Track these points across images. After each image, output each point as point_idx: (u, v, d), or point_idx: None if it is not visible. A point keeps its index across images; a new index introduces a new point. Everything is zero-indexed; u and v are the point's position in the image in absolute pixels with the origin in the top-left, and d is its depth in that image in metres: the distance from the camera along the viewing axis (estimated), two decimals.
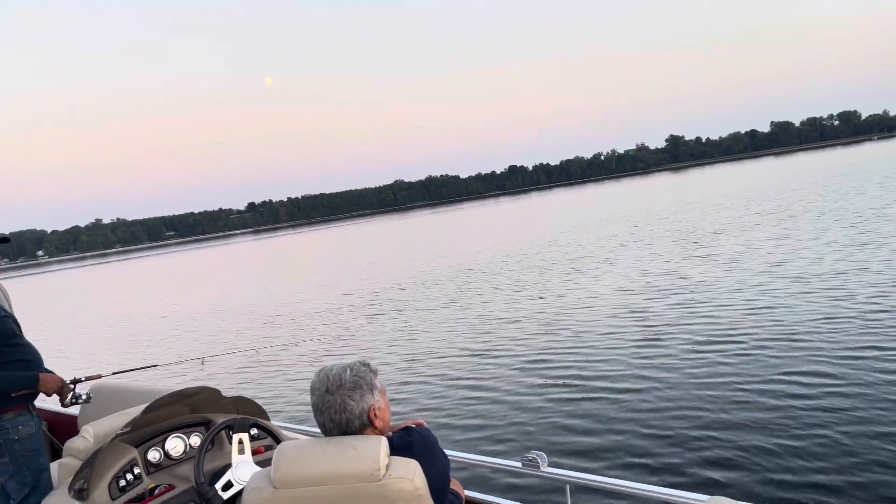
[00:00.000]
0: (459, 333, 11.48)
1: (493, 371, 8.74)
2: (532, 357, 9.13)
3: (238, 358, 11.68)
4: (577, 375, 7.97)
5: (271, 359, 11.47)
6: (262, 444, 3.02)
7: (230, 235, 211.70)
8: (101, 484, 2.66)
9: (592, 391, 7.33)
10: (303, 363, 10.95)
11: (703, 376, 7.22)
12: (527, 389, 7.74)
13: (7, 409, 3.08)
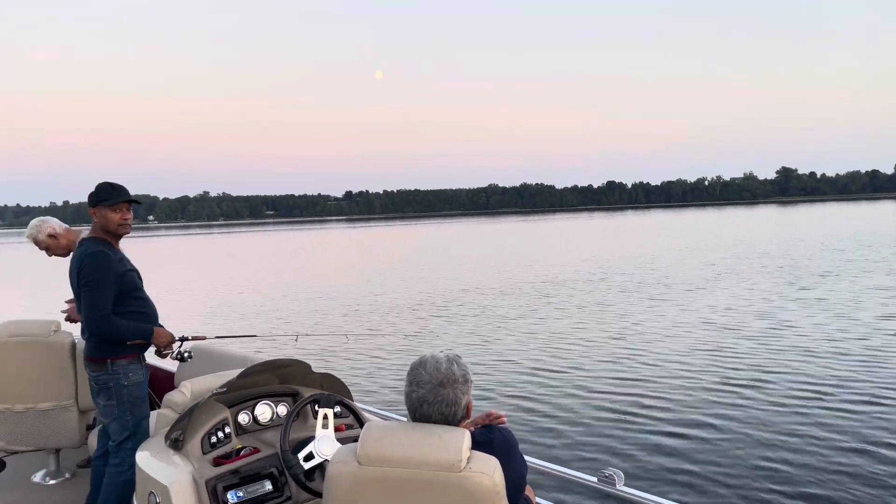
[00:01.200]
0: (535, 343, 11.41)
1: (569, 382, 8.65)
2: (611, 377, 8.96)
3: (328, 339, 12.17)
4: (655, 399, 7.77)
5: (357, 344, 11.86)
6: (344, 422, 3.12)
7: (325, 221, 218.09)
8: (195, 437, 2.83)
9: (667, 418, 7.14)
10: (384, 352, 11.22)
11: (793, 423, 6.89)
12: (600, 407, 7.63)
13: (121, 356, 3.33)
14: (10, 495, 4.22)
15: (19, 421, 4.35)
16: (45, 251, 4.61)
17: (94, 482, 3.51)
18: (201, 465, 2.75)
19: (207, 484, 2.66)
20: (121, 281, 3.31)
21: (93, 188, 3.47)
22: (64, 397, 4.35)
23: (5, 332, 4.31)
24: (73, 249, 4.64)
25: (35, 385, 4.31)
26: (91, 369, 3.34)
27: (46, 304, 15.61)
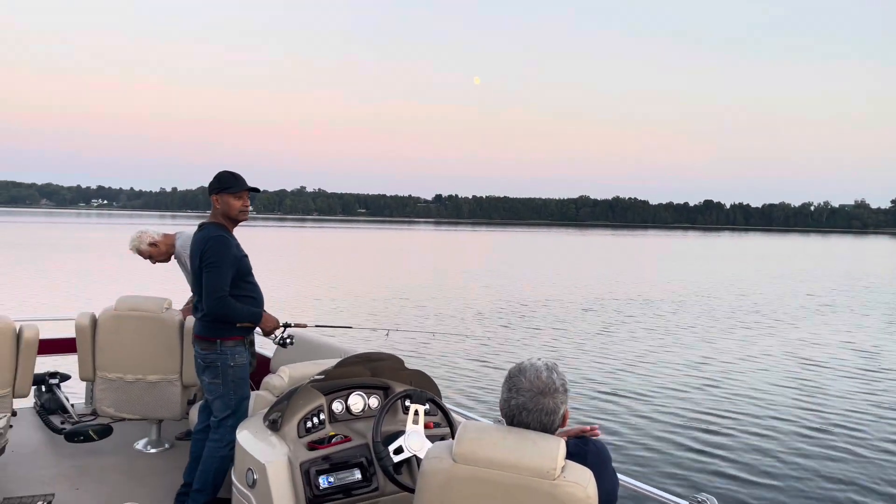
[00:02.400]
0: (618, 361, 11.16)
1: (654, 403, 8.42)
2: (699, 401, 8.66)
3: (417, 336, 12.40)
4: (743, 428, 7.45)
5: (443, 343, 12.04)
6: (432, 419, 3.17)
7: (414, 222, 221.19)
8: (293, 420, 2.95)
9: (755, 448, 6.83)
10: (467, 354, 11.29)
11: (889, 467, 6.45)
12: (685, 430, 7.38)
13: (230, 338, 3.51)
14: (113, 459, 4.52)
15: (129, 390, 4.65)
16: (148, 259, 4.93)
17: (194, 454, 3.71)
18: (297, 447, 2.86)
19: (301, 466, 2.77)
20: (237, 265, 3.49)
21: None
22: (170, 371, 4.62)
23: (123, 306, 4.62)
24: (171, 254, 4.95)
25: (145, 358, 4.60)
26: (200, 347, 3.53)
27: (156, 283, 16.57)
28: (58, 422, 5.02)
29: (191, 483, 3.63)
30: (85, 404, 5.63)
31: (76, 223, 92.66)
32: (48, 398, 5.35)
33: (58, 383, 5.55)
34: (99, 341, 4.63)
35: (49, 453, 4.56)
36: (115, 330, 4.59)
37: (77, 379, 5.62)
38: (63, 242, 42.74)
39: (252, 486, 2.81)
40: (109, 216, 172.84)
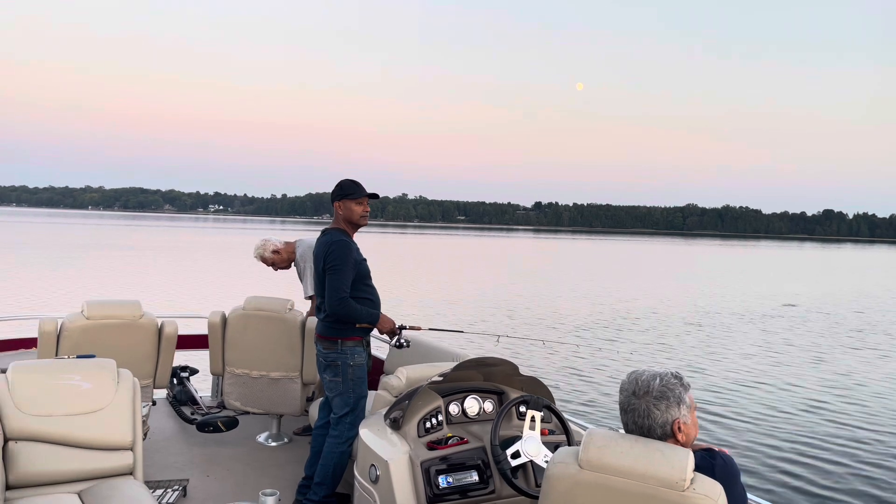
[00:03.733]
0: (733, 375, 10.69)
1: (772, 421, 8.01)
2: (823, 424, 8.17)
3: (527, 343, 12.45)
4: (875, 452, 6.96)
5: (552, 350, 12.03)
6: (547, 426, 3.19)
7: (513, 230, 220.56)
8: (413, 420, 3.05)
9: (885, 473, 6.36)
10: (576, 362, 11.17)
11: None
12: (809, 449, 6.98)
13: (350, 338, 3.67)
14: (238, 450, 4.80)
15: (253, 386, 4.93)
16: (271, 267, 5.22)
17: (314, 449, 3.89)
18: (417, 446, 2.95)
19: (422, 465, 2.85)
20: (357, 268, 3.66)
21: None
22: (291, 369, 4.86)
23: (250, 306, 4.91)
24: (292, 260, 5.21)
25: (269, 355, 4.87)
26: (322, 346, 3.71)
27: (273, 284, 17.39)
28: (188, 412, 5.39)
29: (312, 476, 3.81)
30: (211, 397, 6.01)
31: (195, 227, 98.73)
32: (180, 390, 5.76)
33: (188, 377, 5.97)
34: (228, 338, 4.94)
35: (182, 441, 4.91)
36: (243, 328, 4.88)
37: (203, 372, 6.02)
38: (191, 245, 45.64)
39: (375, 481, 2.93)
40: (224, 220, 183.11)
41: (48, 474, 2.89)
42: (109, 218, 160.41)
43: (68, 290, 18.40)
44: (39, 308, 14.73)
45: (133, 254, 34.67)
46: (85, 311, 4.47)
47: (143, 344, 4.64)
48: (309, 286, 5.03)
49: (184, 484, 4.03)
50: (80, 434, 2.96)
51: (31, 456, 2.87)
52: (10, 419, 2.88)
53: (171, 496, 3.83)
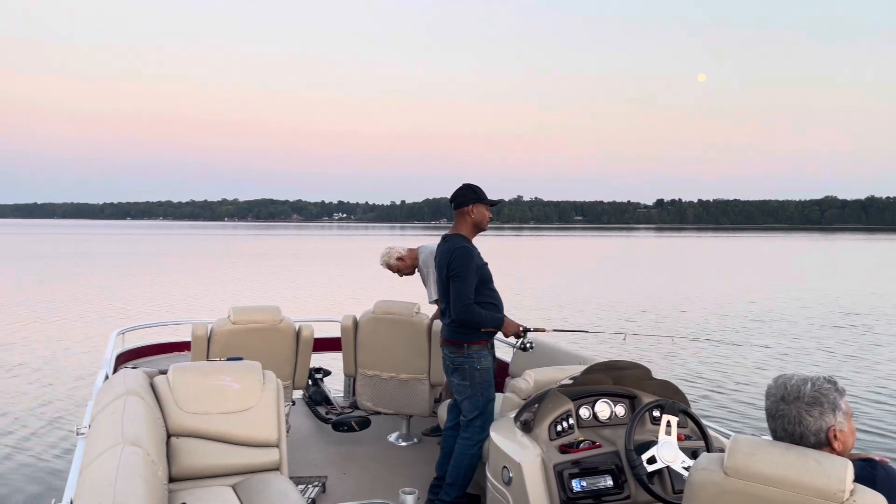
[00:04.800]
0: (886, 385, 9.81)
1: None
2: None
3: (654, 341, 12.09)
4: None
5: (683, 349, 11.60)
6: (683, 431, 3.09)
7: (633, 228, 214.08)
8: (544, 423, 3.05)
9: None
10: (709, 361, 10.72)
11: None
12: None
13: (476, 342, 3.72)
14: (371, 449, 4.98)
15: (384, 387, 5.10)
16: (396, 273, 5.37)
17: (445, 450, 3.97)
18: (549, 449, 2.95)
19: (555, 468, 2.85)
20: (480, 273, 3.71)
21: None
22: (419, 371, 4.99)
23: (379, 310, 5.09)
24: (416, 267, 5.33)
25: (399, 357, 5.02)
26: (449, 350, 3.79)
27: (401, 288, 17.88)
28: (323, 412, 5.65)
29: (443, 476, 3.89)
30: (344, 397, 6.27)
31: (321, 235, 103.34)
32: (315, 391, 6.05)
33: (321, 378, 6.26)
34: (360, 341, 5.14)
35: (320, 440, 5.16)
36: (373, 331, 5.07)
37: (336, 374, 6.29)
38: (318, 252, 47.87)
39: (508, 483, 2.95)
40: (348, 228, 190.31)
41: (205, 468, 3.13)
42: (243, 228, 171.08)
43: (216, 296, 19.80)
44: (192, 314, 15.96)
45: (267, 261, 36.79)
46: (231, 317, 4.81)
47: (282, 347, 4.93)
48: (433, 291, 5.14)
49: (323, 480, 4.23)
50: (232, 431, 3.19)
51: (190, 451, 3.12)
52: (172, 417, 3.15)
53: (313, 492, 4.04)
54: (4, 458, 6.41)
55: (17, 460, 6.38)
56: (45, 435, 7.13)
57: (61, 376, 9.77)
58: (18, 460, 6.39)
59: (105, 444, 2.42)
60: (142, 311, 16.52)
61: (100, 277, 26.06)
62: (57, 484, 5.79)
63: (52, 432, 7.22)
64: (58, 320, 15.07)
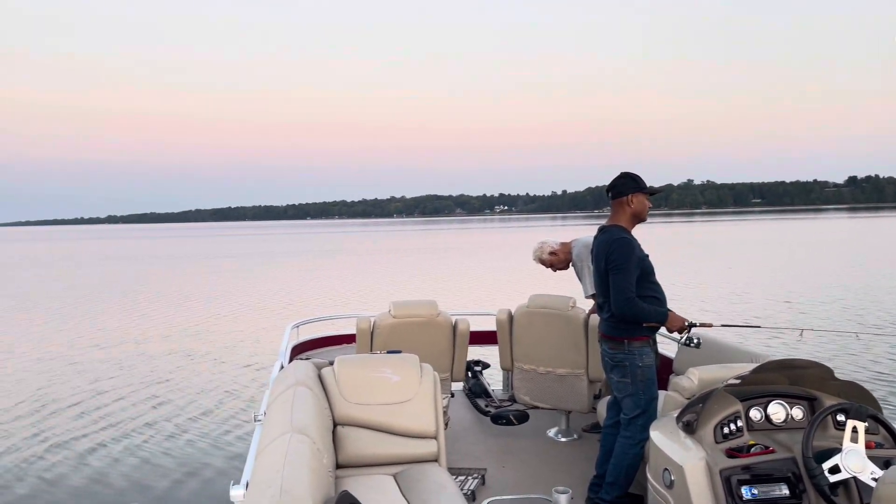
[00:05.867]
0: None
1: None
2: None
3: (836, 338, 10.96)
4: None
5: (869, 346, 10.40)
6: (873, 438, 2.75)
7: (821, 210, 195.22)
8: (709, 424, 2.85)
9: None
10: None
11: None
12: None
13: (637, 338, 3.56)
14: (530, 443, 4.96)
15: (541, 381, 5.05)
16: (549, 268, 5.27)
17: (604, 447, 3.85)
18: (714, 453, 2.76)
19: (721, 473, 2.65)
20: (641, 266, 3.54)
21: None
22: (577, 366, 4.88)
23: (534, 303, 5.04)
24: (569, 261, 5.19)
25: (554, 352, 4.94)
26: (608, 346, 3.66)
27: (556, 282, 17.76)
28: (482, 405, 5.71)
29: (603, 475, 3.78)
30: (503, 391, 6.30)
31: (482, 228, 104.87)
32: (474, 383, 6.13)
33: (480, 370, 6.33)
34: (515, 335, 5.13)
35: (478, 432, 5.22)
36: (529, 325, 5.03)
37: (494, 367, 6.34)
38: (478, 245, 48.70)
39: (669, 486, 2.80)
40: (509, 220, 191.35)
41: (368, 457, 3.28)
42: (410, 224, 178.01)
43: (382, 290, 20.80)
44: (361, 308, 16.88)
45: (428, 256, 37.99)
46: (392, 311, 4.99)
47: (440, 340, 5.04)
48: (588, 285, 5.01)
49: (482, 473, 4.28)
50: (392, 422, 3.31)
51: (354, 440, 3.28)
52: (338, 406, 3.33)
53: (472, 483, 4.09)
54: (196, 439, 7.16)
55: (206, 441, 7.10)
56: (231, 420, 7.86)
57: (246, 365, 10.73)
58: (207, 441, 7.10)
59: (276, 431, 2.61)
60: (315, 305, 17.72)
61: (279, 273, 28.33)
62: (237, 466, 6.36)
63: (237, 417, 7.95)
64: (246, 312, 16.59)
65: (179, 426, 7.58)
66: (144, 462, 6.48)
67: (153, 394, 9.03)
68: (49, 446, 7.00)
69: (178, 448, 6.85)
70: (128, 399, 8.80)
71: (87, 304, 19.27)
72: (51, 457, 6.69)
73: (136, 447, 6.90)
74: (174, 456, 6.63)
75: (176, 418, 7.88)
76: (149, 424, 7.66)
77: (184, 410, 8.19)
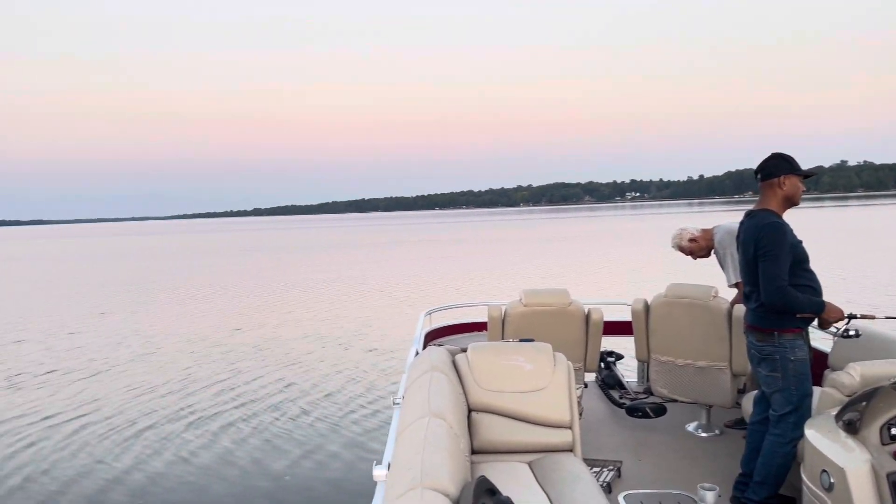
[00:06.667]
0: None
1: None
2: None
3: None
4: None
5: None
6: None
7: None
8: (874, 424, 2.62)
9: None
10: None
11: None
12: None
13: (788, 329, 3.31)
14: (667, 437, 4.77)
15: (679, 374, 4.85)
16: (689, 256, 5.03)
17: (751, 445, 3.63)
18: (880, 455, 2.53)
19: (889, 477, 2.43)
20: (793, 252, 3.29)
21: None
22: (719, 359, 4.64)
23: (672, 293, 4.84)
24: (711, 248, 4.92)
25: (695, 344, 4.72)
26: (755, 338, 3.43)
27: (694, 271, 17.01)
28: (616, 396, 5.57)
29: (749, 473, 3.57)
30: (637, 382, 6.11)
31: (612, 215, 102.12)
32: (607, 374, 6.00)
33: (613, 361, 6.18)
34: (652, 325, 4.96)
35: (613, 424, 5.10)
36: (667, 315, 4.84)
37: (628, 358, 6.16)
38: (608, 233, 47.57)
39: (828, 489, 2.60)
40: (641, 207, 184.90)
41: (502, 444, 3.29)
42: (537, 212, 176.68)
43: (511, 279, 20.82)
44: (490, 296, 17.01)
45: (558, 244, 37.53)
46: (523, 299, 4.98)
47: (572, 330, 4.97)
48: (732, 274, 4.74)
49: (618, 465, 4.18)
50: (526, 410, 3.30)
51: (488, 426, 3.31)
52: (472, 393, 3.37)
53: (607, 476, 4.01)
54: (337, 421, 7.51)
55: (347, 422, 7.43)
56: (368, 402, 8.18)
57: (379, 350, 11.12)
58: (349, 422, 7.43)
59: (414, 415, 2.68)
60: (447, 293, 18.03)
61: (411, 261, 29.09)
62: (375, 447, 6.61)
63: (374, 399, 8.27)
64: (378, 299, 17.20)
65: (319, 407, 8.00)
66: (290, 440, 6.89)
67: (289, 376, 9.59)
68: (220, 424, 7.63)
69: (320, 428, 7.24)
70: (269, 381, 9.40)
71: (230, 292, 20.75)
72: (223, 433, 7.29)
73: (279, 427, 7.35)
74: (319, 435, 7.01)
75: (315, 400, 8.32)
76: (290, 405, 8.14)
77: (322, 393, 8.64)
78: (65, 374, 10.25)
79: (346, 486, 5.74)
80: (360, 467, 6.10)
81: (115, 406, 8.37)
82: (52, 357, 11.65)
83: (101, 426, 7.56)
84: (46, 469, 6.33)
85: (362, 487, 5.68)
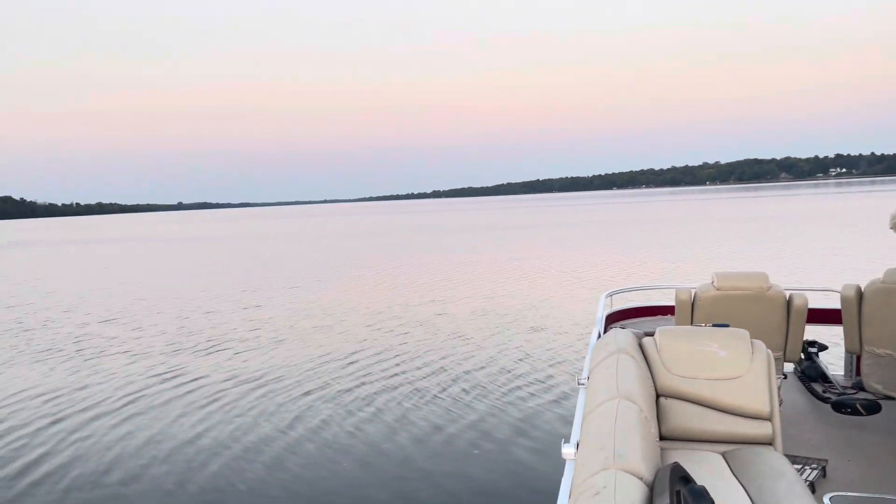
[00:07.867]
0: None
1: None
2: None
3: None
4: None
5: None
6: None
7: None
8: None
9: None
10: None
11: None
12: None
13: None
14: (880, 437, 4.32)
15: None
16: None
17: None
18: None
19: None
20: None
21: None
22: None
23: (890, 279, 4.36)
24: None
25: None
26: None
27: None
28: (820, 390, 5.14)
29: None
30: (844, 376, 5.58)
31: (813, 194, 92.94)
32: (808, 365, 5.53)
33: (816, 352, 5.68)
34: (865, 314, 4.50)
35: (816, 419, 4.71)
36: (884, 304, 4.37)
37: (833, 349, 5.63)
38: (809, 213, 43.48)
39: None
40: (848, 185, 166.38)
41: (693, 431, 3.18)
42: (725, 191, 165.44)
43: (697, 262, 19.79)
44: (673, 279, 16.30)
45: (756, 224, 34.94)
46: (715, 283, 4.73)
47: (771, 316, 4.64)
48: None
49: (822, 464, 3.86)
50: (720, 398, 3.16)
51: (678, 413, 3.21)
52: (660, 377, 3.28)
53: (811, 474, 3.73)
54: (521, 400, 7.64)
55: (532, 401, 7.53)
56: (552, 382, 8.23)
57: (560, 331, 11.09)
58: (534, 401, 7.53)
59: (602, 396, 2.67)
60: (628, 275, 17.54)
61: (593, 242, 28.61)
62: (556, 425, 6.64)
63: (556, 379, 8.31)
64: (558, 279, 17.13)
65: (504, 385, 8.20)
66: (479, 419, 7.14)
67: (473, 355, 9.88)
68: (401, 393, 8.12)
69: (507, 405, 7.42)
70: (455, 360, 9.76)
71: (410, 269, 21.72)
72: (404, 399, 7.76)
73: (466, 404, 7.64)
74: (506, 413, 7.20)
75: (500, 378, 8.53)
76: (472, 384, 8.42)
77: (506, 372, 8.82)
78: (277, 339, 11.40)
79: (532, 464, 5.85)
80: (545, 445, 6.18)
81: (300, 373, 9.18)
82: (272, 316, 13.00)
83: (284, 393, 8.36)
84: (273, 412, 7.13)
85: (548, 463, 5.75)
